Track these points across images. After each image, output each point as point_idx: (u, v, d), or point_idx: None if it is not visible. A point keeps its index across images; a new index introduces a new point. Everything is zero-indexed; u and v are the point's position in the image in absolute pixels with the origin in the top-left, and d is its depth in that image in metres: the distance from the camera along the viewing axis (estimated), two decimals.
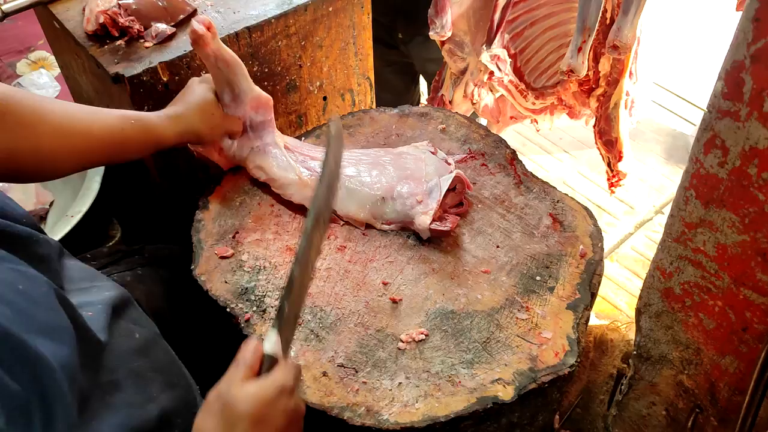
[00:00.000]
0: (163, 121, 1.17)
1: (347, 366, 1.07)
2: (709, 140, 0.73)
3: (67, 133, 1.04)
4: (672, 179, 2.87)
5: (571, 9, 1.65)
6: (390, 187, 1.27)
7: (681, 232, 0.82)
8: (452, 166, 1.34)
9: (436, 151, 1.36)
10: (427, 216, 1.22)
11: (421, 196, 1.26)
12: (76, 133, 1.05)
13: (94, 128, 1.08)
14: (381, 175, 1.28)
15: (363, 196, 1.26)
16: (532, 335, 1.11)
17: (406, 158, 1.33)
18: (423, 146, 1.38)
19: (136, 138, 1.13)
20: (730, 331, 0.84)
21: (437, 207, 1.24)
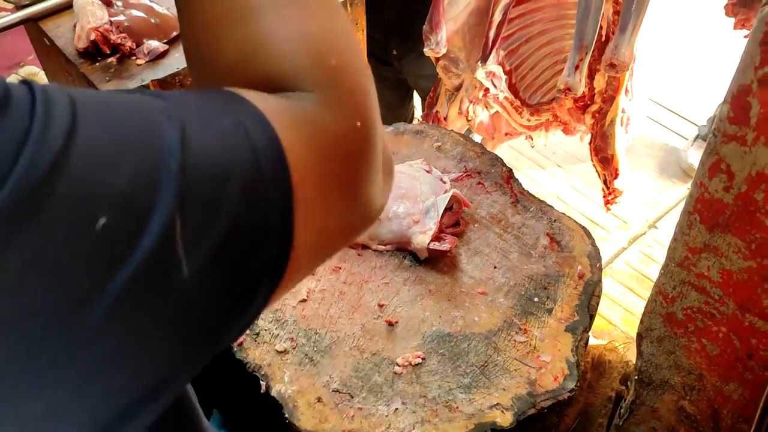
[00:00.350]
0: None
1: (342, 391, 1.05)
2: (714, 164, 0.71)
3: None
4: (665, 194, 2.88)
5: (566, 26, 1.64)
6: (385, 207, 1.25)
7: (684, 256, 0.81)
8: (447, 185, 1.33)
9: (431, 170, 1.35)
10: (426, 236, 1.21)
11: (418, 216, 1.24)
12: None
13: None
14: None
15: None
16: (531, 359, 1.09)
17: (400, 177, 1.31)
18: (418, 165, 1.37)
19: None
20: (735, 358, 0.82)
21: (436, 227, 1.22)
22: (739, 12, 1.22)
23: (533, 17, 1.65)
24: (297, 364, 1.08)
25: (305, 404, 1.03)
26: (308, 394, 1.04)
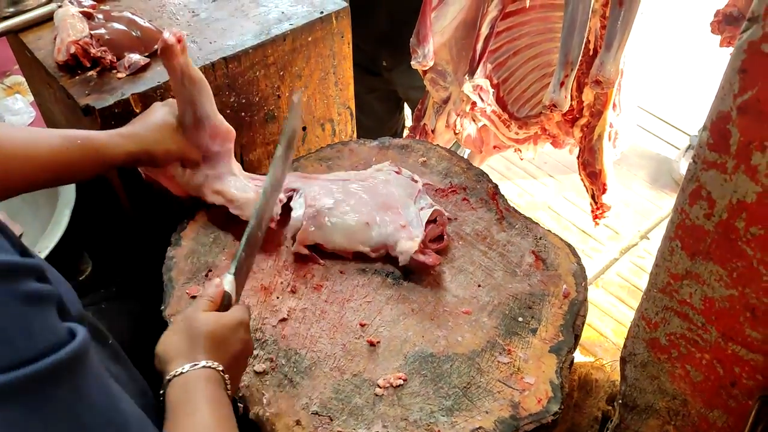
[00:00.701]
0: (113, 138, 1.12)
1: (322, 414, 1.03)
2: (694, 191, 0.70)
3: (6, 156, 1.00)
4: (656, 204, 2.87)
5: (554, 39, 1.63)
6: (371, 213, 1.24)
7: (667, 282, 0.79)
8: (419, 184, 1.33)
9: (400, 171, 1.35)
10: (413, 243, 1.19)
11: (404, 221, 1.23)
12: (17, 156, 1.01)
13: (38, 150, 1.04)
14: (359, 204, 1.25)
15: (348, 225, 1.23)
16: (514, 380, 1.08)
17: (375, 184, 1.30)
18: (386, 167, 1.36)
19: (82, 158, 1.09)
20: (719, 385, 0.81)
21: (422, 236, 1.21)
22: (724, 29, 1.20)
23: (521, 30, 1.63)
24: (276, 386, 1.06)
25: (284, 427, 1.01)
26: (287, 416, 1.02)
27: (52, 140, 1.06)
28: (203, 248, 1.25)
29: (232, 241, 1.27)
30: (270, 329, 1.13)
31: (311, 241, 1.23)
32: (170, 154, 1.20)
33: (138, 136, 1.15)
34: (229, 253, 1.25)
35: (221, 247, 1.26)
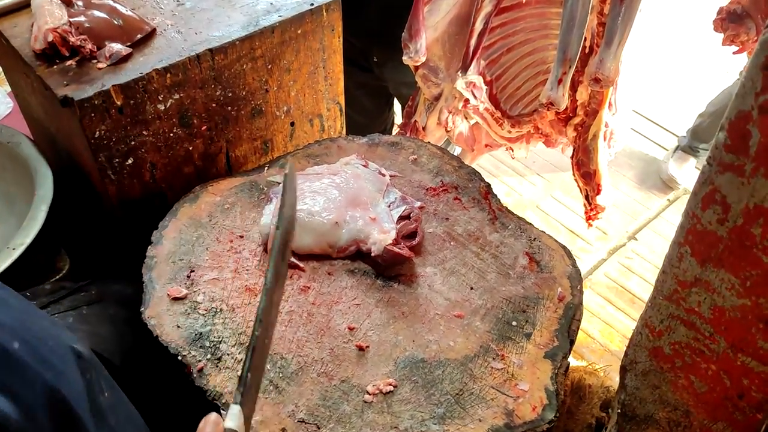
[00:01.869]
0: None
1: (308, 422, 0.98)
2: (708, 194, 0.66)
3: None
4: (645, 205, 2.86)
5: (549, 36, 1.60)
6: (340, 211, 1.20)
7: (673, 290, 0.76)
8: (386, 178, 1.32)
9: (367, 164, 1.33)
10: (386, 236, 1.16)
11: (374, 215, 1.20)
12: None
13: None
14: (328, 201, 1.21)
15: (315, 225, 1.19)
16: (508, 387, 1.04)
17: (345, 178, 1.27)
18: (354, 160, 1.34)
19: None
20: (724, 397, 0.78)
21: (395, 231, 1.18)
22: (728, 27, 1.17)
23: (515, 27, 1.60)
24: (261, 392, 1.01)
25: None
26: (272, 424, 0.98)
27: None
28: (186, 247, 1.21)
29: (215, 239, 1.22)
30: None
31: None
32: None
33: None
34: (212, 252, 1.20)
35: (204, 246, 1.21)
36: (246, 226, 1.25)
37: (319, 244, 1.19)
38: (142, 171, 1.33)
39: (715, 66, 3.41)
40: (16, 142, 1.44)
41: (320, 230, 1.19)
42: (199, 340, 1.07)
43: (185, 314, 1.10)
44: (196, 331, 1.08)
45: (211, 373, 1.03)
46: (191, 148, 1.38)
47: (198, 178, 1.42)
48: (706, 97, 2.86)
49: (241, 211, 1.28)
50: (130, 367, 1.13)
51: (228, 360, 1.05)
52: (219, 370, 1.04)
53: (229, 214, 1.27)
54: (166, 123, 1.31)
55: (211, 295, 1.13)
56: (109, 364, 1.08)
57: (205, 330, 1.08)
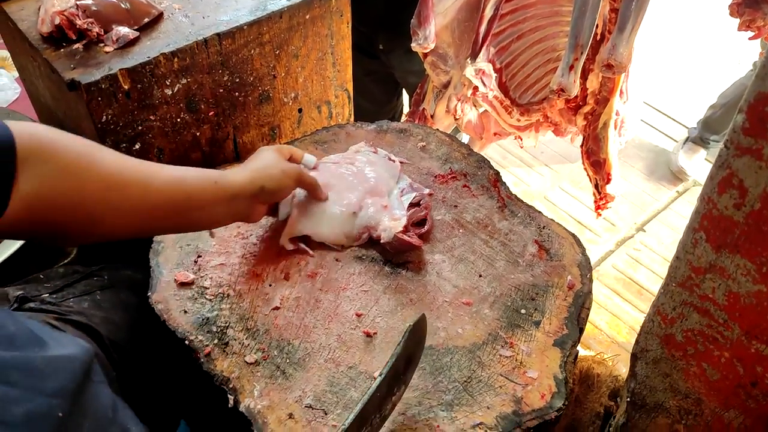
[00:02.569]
0: (243, 177, 1.02)
1: (316, 407, 0.98)
2: (724, 179, 0.65)
3: (119, 185, 0.86)
4: (654, 196, 2.84)
5: (559, 23, 1.58)
6: (359, 201, 1.19)
7: (687, 276, 0.75)
8: (397, 164, 1.31)
9: (376, 150, 1.32)
10: (397, 223, 1.15)
11: (386, 202, 1.20)
12: (131, 185, 0.87)
13: (155, 183, 0.90)
14: (348, 191, 1.20)
15: (335, 216, 1.18)
16: (517, 375, 1.03)
17: (361, 166, 1.26)
18: (364, 147, 1.33)
19: (206, 197, 0.97)
20: (737, 384, 0.77)
21: (406, 218, 1.17)
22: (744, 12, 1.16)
23: (525, 13, 1.58)
24: (268, 377, 1.01)
25: (276, 421, 0.96)
26: (279, 409, 0.97)
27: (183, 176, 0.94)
28: (193, 233, 1.20)
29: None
30: (262, 318, 1.08)
31: (299, 233, 1.18)
32: (286, 185, 1.10)
33: (260, 173, 1.05)
34: (219, 237, 1.19)
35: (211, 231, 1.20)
36: None
37: (337, 235, 1.19)
38: (149, 156, 1.32)
39: (725, 57, 3.38)
40: None
41: (339, 220, 1.18)
42: (206, 325, 1.06)
43: (192, 299, 1.10)
44: (203, 316, 1.07)
45: (218, 357, 1.03)
46: (198, 134, 1.38)
47: (205, 164, 1.41)
48: (716, 89, 2.84)
49: None
50: (141, 353, 1.13)
51: (235, 345, 1.04)
52: (226, 354, 1.03)
53: None
54: (174, 108, 1.30)
55: (218, 281, 1.13)
56: (121, 351, 1.08)
57: (212, 315, 1.08)
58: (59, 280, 1.18)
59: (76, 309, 1.10)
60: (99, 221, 0.85)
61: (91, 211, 0.84)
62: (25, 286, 1.13)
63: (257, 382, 1.00)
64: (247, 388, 1.00)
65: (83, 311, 1.10)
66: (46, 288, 1.14)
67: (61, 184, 0.80)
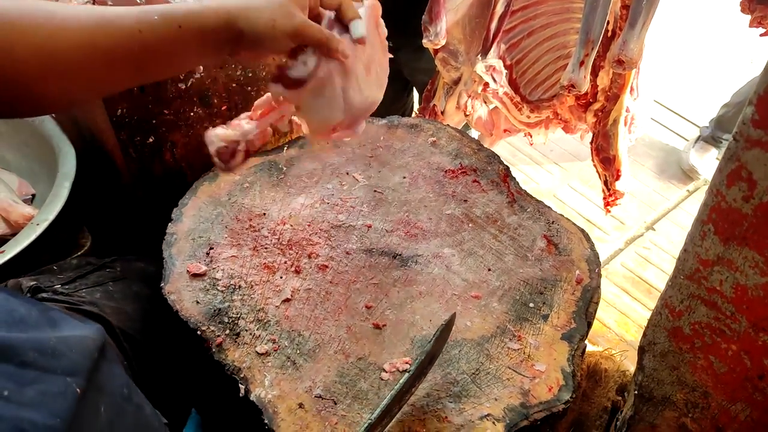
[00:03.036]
0: (201, 6, 0.77)
1: (326, 397, 0.99)
2: (733, 171, 0.66)
3: (56, 48, 0.70)
4: (663, 195, 2.83)
5: (570, 19, 1.58)
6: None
7: (695, 269, 0.75)
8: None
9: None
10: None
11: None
12: (71, 47, 0.71)
13: (99, 37, 0.72)
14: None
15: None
16: (525, 367, 1.04)
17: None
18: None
19: (162, 43, 0.76)
20: (744, 377, 0.77)
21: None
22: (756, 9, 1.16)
23: (536, 10, 1.59)
24: (278, 368, 1.02)
25: (286, 410, 0.97)
26: (289, 399, 0.99)
27: (119, 20, 0.74)
28: (205, 225, 1.22)
29: (234, 218, 1.23)
30: (273, 310, 1.09)
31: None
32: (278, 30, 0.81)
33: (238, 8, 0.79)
34: (231, 230, 1.21)
35: (224, 224, 1.22)
36: (265, 205, 1.26)
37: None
38: (162, 150, 1.34)
39: (736, 55, 3.36)
40: (40, 120, 1.45)
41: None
42: (217, 316, 1.08)
43: (204, 290, 1.11)
44: (215, 307, 1.09)
45: (230, 348, 1.04)
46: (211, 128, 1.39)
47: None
48: (726, 88, 2.83)
49: (261, 191, 1.29)
50: (152, 343, 1.14)
51: (246, 336, 1.06)
52: (237, 345, 1.05)
53: (248, 193, 1.28)
54: (187, 102, 1.32)
55: (229, 272, 1.14)
56: (133, 341, 1.09)
57: (224, 306, 1.09)
58: (72, 272, 1.20)
59: (88, 299, 1.11)
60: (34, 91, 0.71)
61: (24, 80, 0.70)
62: (39, 277, 1.15)
63: (268, 372, 1.02)
64: (258, 378, 1.01)
65: (95, 302, 1.11)
66: (59, 279, 1.16)
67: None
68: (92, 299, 1.12)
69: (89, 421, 0.65)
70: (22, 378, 0.61)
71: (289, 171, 1.33)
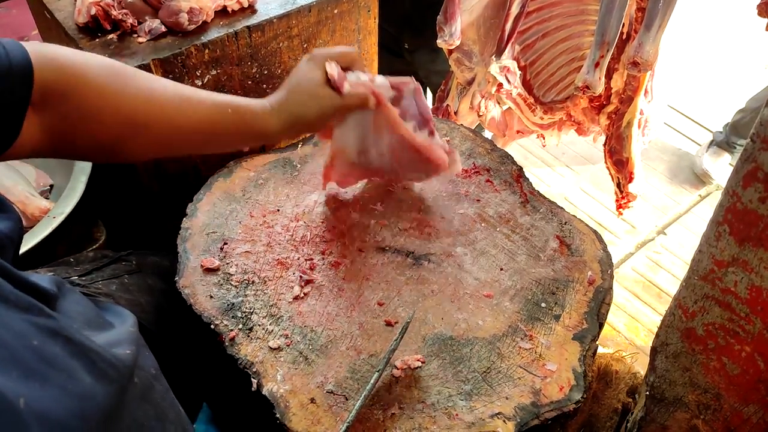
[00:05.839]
0: (266, 109, 1.02)
1: (337, 393, 1.00)
2: (750, 172, 0.66)
3: (145, 122, 0.90)
4: (675, 199, 2.82)
5: (585, 21, 1.59)
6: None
7: (710, 269, 0.75)
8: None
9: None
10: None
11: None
12: (158, 122, 0.91)
13: (181, 117, 0.93)
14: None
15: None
16: (536, 367, 1.04)
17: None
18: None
19: (232, 129, 0.99)
20: (757, 379, 0.77)
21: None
22: None
23: (552, 11, 1.59)
24: (291, 363, 1.03)
25: (298, 405, 0.98)
26: (301, 394, 0.99)
27: (202, 107, 0.96)
28: (219, 220, 1.22)
29: (248, 213, 1.24)
30: (286, 305, 1.10)
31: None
32: (324, 115, 1.06)
33: (286, 103, 1.03)
34: (245, 225, 1.22)
35: (238, 220, 1.23)
36: (279, 202, 1.27)
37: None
38: None
39: (750, 61, 3.35)
40: None
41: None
42: (231, 311, 1.08)
43: (218, 285, 1.12)
44: (229, 301, 1.10)
45: (243, 342, 1.05)
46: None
47: (232, 155, 1.43)
48: (740, 93, 2.82)
49: (275, 187, 1.30)
50: (165, 337, 1.15)
51: (259, 331, 1.06)
52: (250, 340, 1.05)
53: (262, 190, 1.29)
54: None
55: (243, 268, 1.15)
56: (148, 333, 1.10)
57: (237, 301, 1.10)
58: (88, 264, 1.21)
59: (104, 291, 1.13)
60: (123, 143, 0.90)
61: (118, 134, 0.88)
62: (56, 269, 1.17)
63: (280, 367, 1.02)
64: (270, 373, 1.02)
65: (111, 293, 1.13)
66: (75, 271, 1.17)
67: (86, 114, 0.83)
68: (108, 291, 1.13)
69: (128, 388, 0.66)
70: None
71: (303, 168, 1.34)
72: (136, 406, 0.68)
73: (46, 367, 0.52)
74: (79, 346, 0.57)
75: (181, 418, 0.81)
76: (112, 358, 0.61)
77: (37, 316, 0.55)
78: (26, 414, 0.46)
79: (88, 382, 0.55)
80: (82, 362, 0.56)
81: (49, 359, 0.52)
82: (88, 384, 0.55)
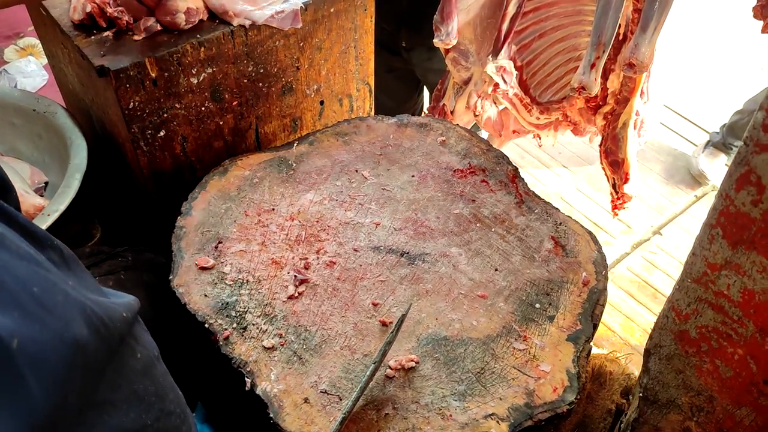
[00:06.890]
0: None
1: (331, 393, 1.00)
2: (742, 175, 0.66)
3: None
4: (671, 200, 2.83)
5: (582, 22, 1.58)
6: None
7: (702, 272, 0.75)
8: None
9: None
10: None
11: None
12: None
13: None
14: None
15: None
16: (530, 368, 1.04)
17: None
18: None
19: None
20: (750, 382, 0.77)
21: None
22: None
23: (548, 12, 1.59)
24: (285, 362, 1.03)
25: (291, 404, 0.98)
26: (295, 394, 0.99)
27: None
28: (214, 219, 1.22)
29: (243, 213, 1.24)
30: (280, 305, 1.10)
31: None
32: None
33: None
34: (240, 225, 1.21)
35: (233, 219, 1.23)
36: (274, 201, 1.26)
37: None
38: (173, 143, 1.35)
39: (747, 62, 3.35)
40: (53, 112, 1.46)
41: None
42: (225, 310, 1.08)
43: (212, 284, 1.12)
44: (223, 300, 1.10)
45: (237, 341, 1.05)
46: (222, 123, 1.40)
47: (227, 153, 1.43)
48: (737, 94, 2.82)
49: (270, 186, 1.29)
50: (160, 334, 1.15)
51: (253, 330, 1.06)
52: (244, 339, 1.05)
53: (257, 189, 1.29)
54: (198, 97, 1.33)
55: (238, 267, 1.15)
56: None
57: (232, 300, 1.10)
58: (85, 260, 1.21)
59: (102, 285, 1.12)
60: None
61: None
62: None
63: (274, 366, 1.02)
64: (264, 372, 1.02)
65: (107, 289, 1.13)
66: None
67: None
68: (105, 287, 1.13)
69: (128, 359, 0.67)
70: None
71: (298, 167, 1.34)
72: (136, 377, 0.69)
73: (45, 313, 0.53)
74: (76, 300, 0.58)
75: (180, 402, 0.82)
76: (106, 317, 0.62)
77: (39, 267, 0.56)
78: (18, 354, 0.48)
79: (85, 333, 0.56)
80: (79, 312, 0.57)
81: (48, 307, 0.54)
82: (84, 336, 0.56)
